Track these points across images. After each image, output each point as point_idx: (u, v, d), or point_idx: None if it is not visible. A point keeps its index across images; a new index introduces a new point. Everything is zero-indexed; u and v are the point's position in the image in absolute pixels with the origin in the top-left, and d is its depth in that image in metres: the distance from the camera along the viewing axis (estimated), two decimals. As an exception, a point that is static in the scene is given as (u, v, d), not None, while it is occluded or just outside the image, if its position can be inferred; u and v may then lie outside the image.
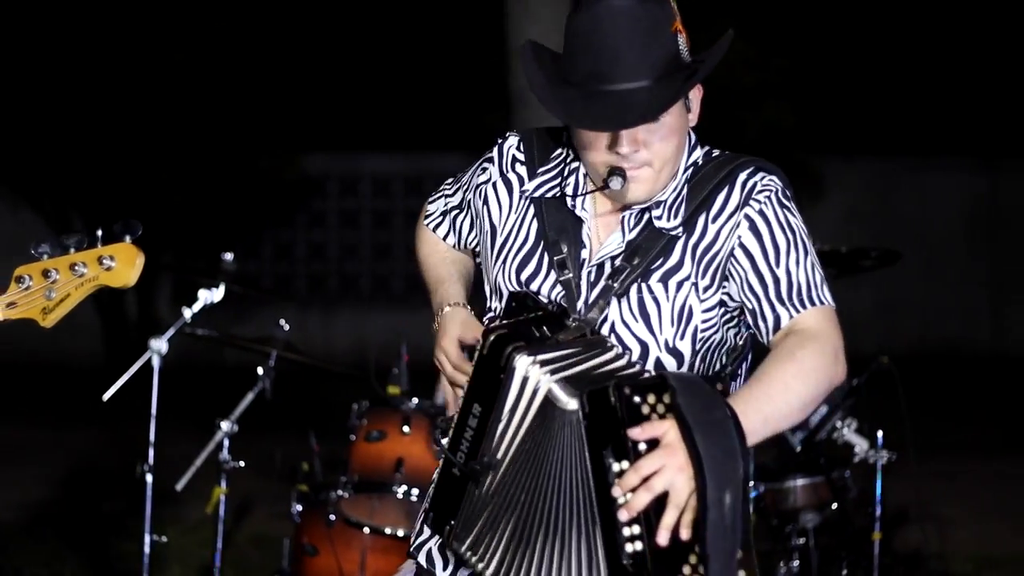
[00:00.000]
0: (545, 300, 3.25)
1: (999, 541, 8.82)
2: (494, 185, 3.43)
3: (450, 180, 3.66)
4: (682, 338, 3.18)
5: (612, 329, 3.19)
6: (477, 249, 3.55)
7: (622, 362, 3.10)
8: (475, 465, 3.08)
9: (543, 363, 3.01)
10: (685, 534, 2.85)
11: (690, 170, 3.26)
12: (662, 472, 2.83)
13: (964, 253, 19.62)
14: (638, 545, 2.88)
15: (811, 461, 6.28)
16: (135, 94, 16.37)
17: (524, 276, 3.31)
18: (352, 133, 19.02)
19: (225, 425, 6.04)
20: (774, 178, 3.23)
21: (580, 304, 3.23)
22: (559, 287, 3.26)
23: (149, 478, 5.95)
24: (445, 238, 3.66)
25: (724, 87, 17.09)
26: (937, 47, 19.36)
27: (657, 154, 3.15)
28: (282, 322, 6.34)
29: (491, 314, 3.36)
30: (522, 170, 3.40)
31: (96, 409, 6.39)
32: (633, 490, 2.85)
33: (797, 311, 3.13)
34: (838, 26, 18.92)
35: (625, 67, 3.06)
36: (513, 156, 3.42)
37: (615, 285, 3.19)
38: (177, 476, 6.04)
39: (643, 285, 3.19)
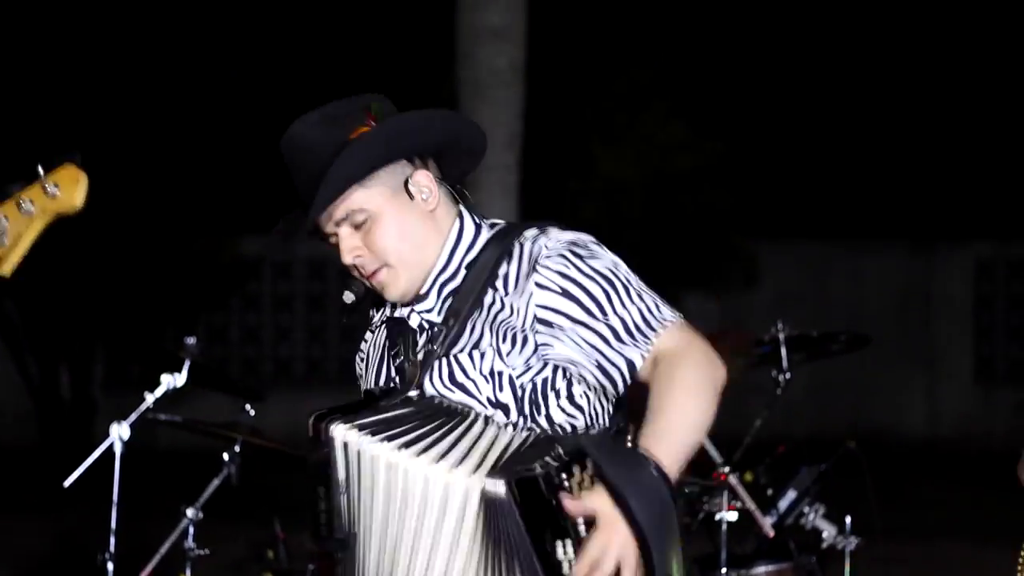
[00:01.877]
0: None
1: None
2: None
3: None
4: (501, 390, 3.19)
5: None
6: None
7: (504, 436, 3.12)
8: (331, 543, 3.19)
9: (360, 428, 3.12)
10: None
11: (472, 251, 3.28)
12: (609, 550, 2.91)
13: (898, 337, 19.74)
14: None
15: (780, 546, 6.26)
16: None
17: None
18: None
19: (190, 512, 5.96)
20: (557, 234, 3.23)
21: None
22: (395, 374, 3.33)
23: (110, 566, 5.87)
24: None
25: (660, 170, 17.24)
26: (871, 132, 19.58)
27: (385, 252, 3.22)
28: (247, 407, 6.28)
29: None
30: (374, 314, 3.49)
31: (36, 495, 6.26)
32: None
33: (648, 342, 3.13)
34: (773, 110, 19.10)
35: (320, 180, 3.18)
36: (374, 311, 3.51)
37: (436, 348, 3.23)
38: (130, 564, 5.95)
39: (450, 359, 3.21)
